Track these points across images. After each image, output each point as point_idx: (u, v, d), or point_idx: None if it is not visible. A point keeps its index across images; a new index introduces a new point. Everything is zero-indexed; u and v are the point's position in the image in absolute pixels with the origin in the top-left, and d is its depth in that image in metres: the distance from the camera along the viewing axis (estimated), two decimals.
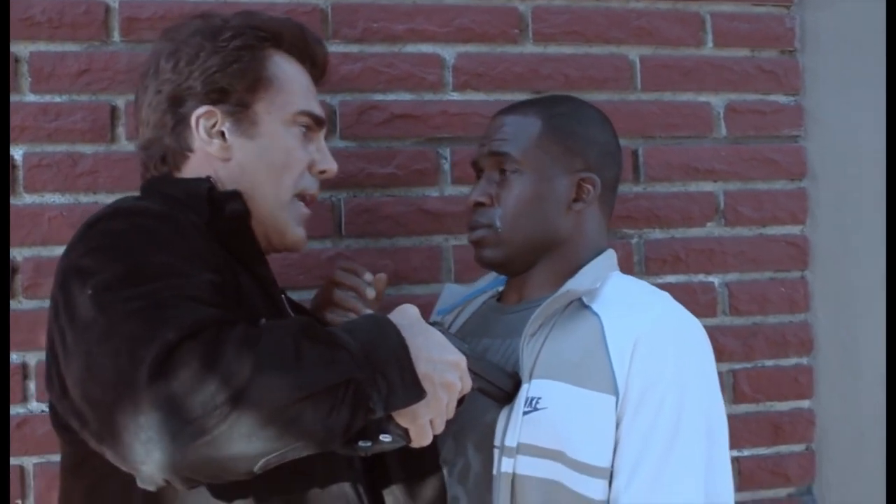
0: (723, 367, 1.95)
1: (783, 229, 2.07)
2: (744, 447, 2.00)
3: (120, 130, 1.78)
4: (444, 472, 1.47)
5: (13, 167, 1.74)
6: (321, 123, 1.48)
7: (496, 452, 1.41)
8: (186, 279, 1.16)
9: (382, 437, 1.21)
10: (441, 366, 1.21)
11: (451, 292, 1.72)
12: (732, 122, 2.05)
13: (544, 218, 1.51)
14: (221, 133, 1.40)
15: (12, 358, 1.70)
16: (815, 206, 2.09)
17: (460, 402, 1.26)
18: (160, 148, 1.41)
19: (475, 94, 1.94)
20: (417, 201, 1.90)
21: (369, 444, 1.21)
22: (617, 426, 1.37)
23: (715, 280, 2.03)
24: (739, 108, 2.06)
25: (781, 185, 2.08)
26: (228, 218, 1.32)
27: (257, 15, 1.47)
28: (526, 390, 1.41)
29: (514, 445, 1.39)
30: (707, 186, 2.04)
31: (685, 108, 2.04)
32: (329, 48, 1.61)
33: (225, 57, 1.39)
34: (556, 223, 1.52)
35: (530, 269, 1.54)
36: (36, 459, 1.70)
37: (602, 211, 1.57)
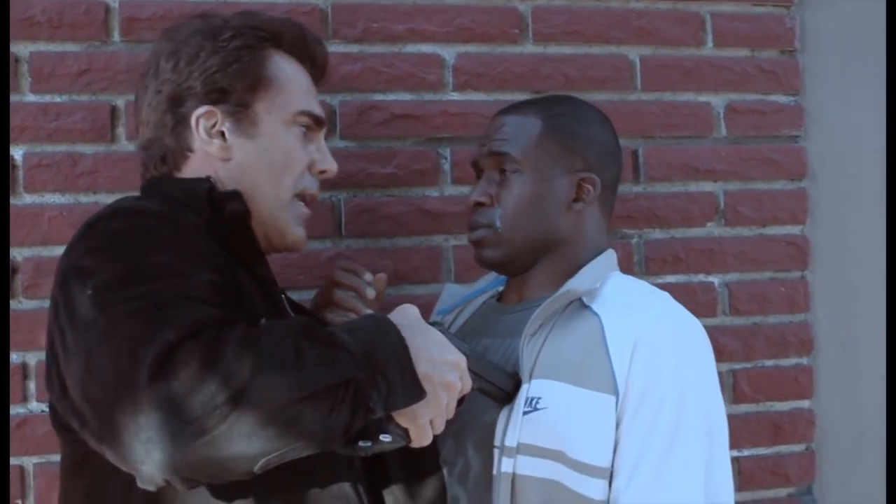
0: (723, 367, 1.94)
1: (783, 229, 2.07)
2: (744, 447, 1.99)
3: (120, 130, 1.78)
4: (444, 472, 1.46)
5: (13, 167, 1.74)
6: (321, 123, 1.48)
7: (496, 452, 1.41)
8: (186, 279, 1.16)
9: (382, 437, 1.21)
10: (441, 366, 1.21)
11: (451, 292, 1.72)
12: (732, 122, 2.05)
13: (544, 218, 1.51)
14: (221, 133, 1.40)
15: (12, 358, 1.70)
16: (815, 206, 2.09)
17: (460, 402, 1.26)
18: (160, 148, 1.41)
19: (475, 94, 1.94)
20: (417, 201, 1.90)
21: (369, 444, 1.21)
22: (617, 426, 1.37)
23: (715, 280, 2.03)
24: (739, 108, 2.06)
25: (781, 185, 2.07)
26: (228, 218, 1.32)
27: (257, 15, 1.47)
28: (526, 390, 1.40)
29: (514, 445, 1.39)
30: (707, 186, 2.04)
31: (685, 108, 2.03)
32: (329, 48, 1.61)
33: (225, 57, 1.39)
34: (556, 223, 1.52)
35: (530, 269, 1.54)
36: (36, 459, 1.70)
37: (602, 211, 1.56)
